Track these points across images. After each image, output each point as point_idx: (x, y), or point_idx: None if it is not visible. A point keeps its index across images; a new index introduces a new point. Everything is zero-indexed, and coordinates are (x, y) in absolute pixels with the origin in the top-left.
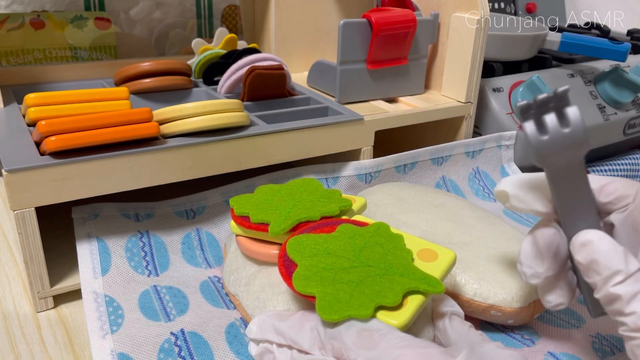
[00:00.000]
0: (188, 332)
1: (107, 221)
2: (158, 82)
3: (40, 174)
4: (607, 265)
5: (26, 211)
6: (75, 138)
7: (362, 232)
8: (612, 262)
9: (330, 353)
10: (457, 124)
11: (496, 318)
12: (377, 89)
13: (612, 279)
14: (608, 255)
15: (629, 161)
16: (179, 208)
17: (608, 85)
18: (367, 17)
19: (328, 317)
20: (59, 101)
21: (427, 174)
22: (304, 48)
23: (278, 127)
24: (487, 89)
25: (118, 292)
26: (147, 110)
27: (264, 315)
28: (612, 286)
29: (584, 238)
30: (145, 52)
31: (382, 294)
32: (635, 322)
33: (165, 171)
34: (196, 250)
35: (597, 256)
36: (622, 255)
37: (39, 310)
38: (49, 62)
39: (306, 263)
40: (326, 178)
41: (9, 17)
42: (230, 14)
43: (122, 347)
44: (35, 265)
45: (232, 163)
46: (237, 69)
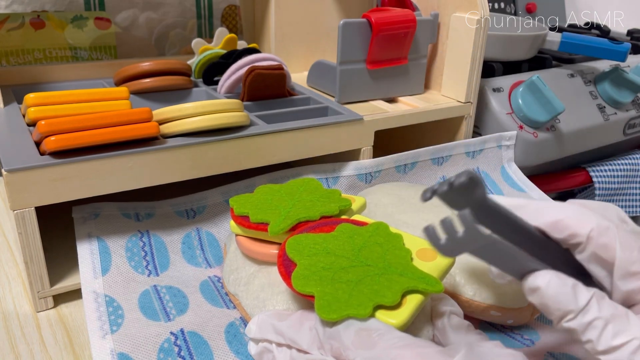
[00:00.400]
0: (188, 331)
1: (107, 221)
2: (158, 82)
3: (40, 174)
4: (557, 308)
5: (26, 211)
6: (75, 138)
7: (362, 231)
8: (561, 304)
9: (329, 352)
10: (457, 124)
11: (496, 318)
12: (377, 89)
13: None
14: (556, 298)
15: (629, 161)
16: (179, 208)
17: (608, 85)
18: (367, 17)
19: (327, 316)
20: (59, 101)
21: (427, 174)
22: (304, 48)
23: (278, 127)
24: (487, 89)
25: (118, 292)
26: (146, 110)
27: (263, 315)
28: (566, 322)
29: (532, 284)
30: (145, 52)
31: (381, 293)
32: (593, 348)
33: (165, 171)
34: (196, 250)
35: (546, 301)
36: (570, 295)
37: (38, 310)
38: (49, 62)
39: (305, 262)
40: (326, 178)
41: (9, 17)
42: (230, 14)
43: (122, 347)
44: (35, 265)
45: (232, 163)
46: (237, 69)
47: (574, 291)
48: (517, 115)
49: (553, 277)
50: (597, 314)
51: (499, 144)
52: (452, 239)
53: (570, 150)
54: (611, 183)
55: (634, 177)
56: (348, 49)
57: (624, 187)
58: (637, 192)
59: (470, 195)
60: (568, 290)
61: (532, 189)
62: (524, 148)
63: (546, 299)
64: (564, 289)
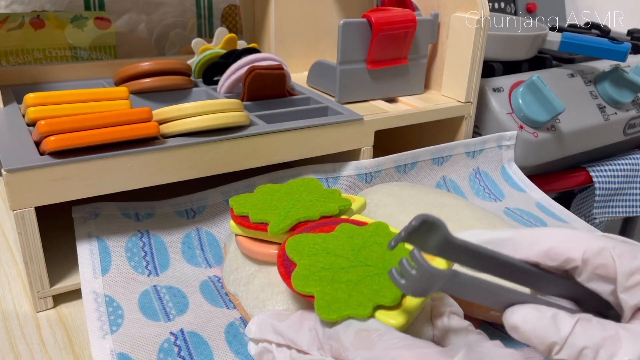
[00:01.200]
0: (188, 331)
1: (107, 221)
2: (158, 82)
3: (40, 174)
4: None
5: (26, 211)
6: (75, 138)
7: (361, 231)
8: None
9: (328, 353)
10: (457, 124)
11: (496, 318)
12: (377, 89)
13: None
14: (536, 332)
15: (629, 161)
16: (179, 208)
17: (608, 85)
18: (367, 17)
19: (326, 316)
20: (58, 101)
21: (427, 174)
22: (304, 48)
23: (278, 127)
24: (487, 89)
25: (118, 292)
26: (146, 110)
27: (263, 315)
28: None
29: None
30: (145, 52)
31: (380, 293)
32: None
33: (165, 171)
34: (196, 250)
35: (528, 336)
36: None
37: (38, 310)
38: (49, 62)
39: (305, 262)
40: (326, 178)
41: (9, 17)
42: (230, 13)
43: (122, 347)
44: (35, 265)
45: (232, 163)
46: (236, 69)
47: (554, 321)
48: (517, 115)
49: (530, 310)
50: (585, 341)
51: (499, 144)
52: (409, 279)
53: (570, 150)
54: (611, 183)
55: (634, 177)
56: (348, 48)
57: (624, 187)
58: (637, 192)
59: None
60: (547, 322)
61: (532, 189)
62: (524, 148)
63: (527, 335)
64: (542, 321)
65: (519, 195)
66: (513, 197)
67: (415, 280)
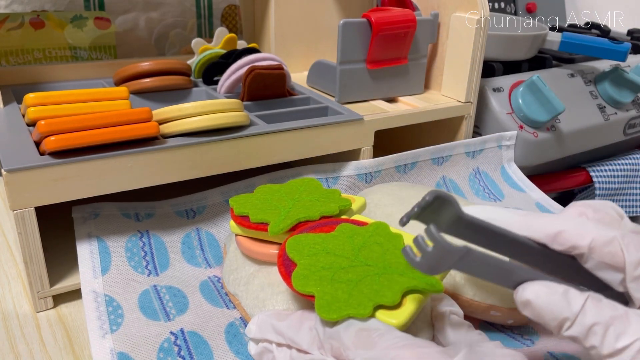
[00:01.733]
0: (188, 331)
1: (107, 221)
2: (158, 82)
3: (40, 174)
4: (552, 317)
5: (26, 211)
6: (75, 138)
7: (361, 231)
8: (555, 313)
9: (329, 352)
10: (457, 124)
11: (496, 318)
12: (377, 89)
13: (562, 326)
14: (548, 308)
15: (629, 161)
16: (179, 208)
17: (608, 85)
18: (367, 17)
19: (327, 316)
20: (58, 101)
21: (427, 174)
22: (304, 48)
23: (278, 127)
24: (487, 89)
25: (118, 291)
26: (146, 110)
27: (263, 315)
28: (565, 331)
29: (521, 298)
30: (145, 52)
31: (381, 293)
32: (598, 353)
33: (165, 171)
34: (196, 250)
35: (539, 312)
36: (562, 301)
37: (38, 310)
38: (49, 62)
39: (305, 262)
40: (326, 178)
41: (9, 17)
42: (230, 13)
43: (122, 347)
44: (34, 265)
45: (232, 163)
46: (236, 69)
47: (566, 297)
48: (517, 115)
49: (541, 287)
50: (596, 318)
51: (499, 144)
52: (425, 255)
53: (570, 150)
54: (611, 183)
55: (634, 177)
56: (348, 48)
57: (624, 187)
58: (637, 192)
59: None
60: (559, 297)
61: (532, 189)
62: (524, 148)
63: (539, 310)
64: (554, 297)
65: (519, 195)
66: (513, 197)
67: (430, 257)
